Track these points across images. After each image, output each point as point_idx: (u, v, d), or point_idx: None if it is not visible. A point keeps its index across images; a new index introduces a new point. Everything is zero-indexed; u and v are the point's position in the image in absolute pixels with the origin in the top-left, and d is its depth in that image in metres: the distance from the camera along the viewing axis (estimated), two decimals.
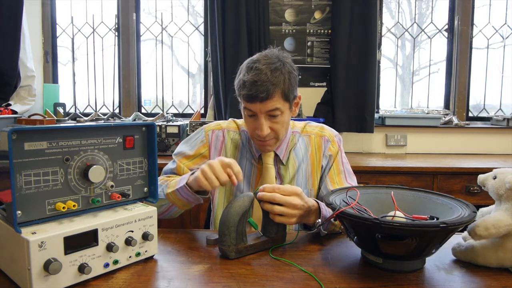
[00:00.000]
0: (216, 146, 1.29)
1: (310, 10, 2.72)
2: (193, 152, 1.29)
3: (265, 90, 1.10)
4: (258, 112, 1.14)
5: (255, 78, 1.11)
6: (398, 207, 0.87)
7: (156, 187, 0.93)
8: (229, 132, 1.32)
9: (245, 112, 1.19)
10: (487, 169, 0.98)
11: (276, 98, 1.13)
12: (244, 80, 1.13)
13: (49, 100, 2.84)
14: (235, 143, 1.30)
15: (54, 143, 0.76)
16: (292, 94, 1.18)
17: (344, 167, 1.31)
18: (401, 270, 0.85)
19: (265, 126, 1.15)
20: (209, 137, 1.30)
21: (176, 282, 0.80)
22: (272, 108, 1.13)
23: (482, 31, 2.86)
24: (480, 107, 2.95)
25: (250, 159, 1.29)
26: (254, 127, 1.18)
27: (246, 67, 1.16)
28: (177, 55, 3.01)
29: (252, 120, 1.18)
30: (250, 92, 1.11)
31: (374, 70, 2.57)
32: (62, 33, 2.94)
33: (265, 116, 1.15)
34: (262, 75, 1.11)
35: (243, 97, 1.15)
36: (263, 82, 1.10)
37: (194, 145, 1.31)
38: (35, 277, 0.69)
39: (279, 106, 1.14)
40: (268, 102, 1.12)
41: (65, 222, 0.78)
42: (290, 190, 0.98)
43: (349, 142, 2.73)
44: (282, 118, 1.17)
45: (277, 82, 1.12)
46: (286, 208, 0.96)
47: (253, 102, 1.13)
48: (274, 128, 1.17)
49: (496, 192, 0.87)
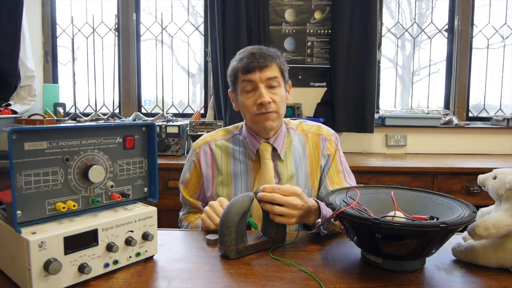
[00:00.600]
0: (206, 161, 1.32)
1: (310, 10, 2.72)
2: (189, 176, 1.34)
3: (263, 58, 1.20)
4: (258, 80, 1.20)
5: (252, 51, 1.22)
6: (398, 207, 0.87)
7: (156, 187, 0.93)
8: (216, 143, 1.33)
9: (244, 87, 1.23)
10: (487, 169, 0.98)
11: (274, 68, 1.22)
12: (241, 57, 1.23)
13: (49, 100, 2.84)
14: (225, 151, 1.32)
15: (54, 143, 0.76)
16: (286, 73, 1.27)
17: (343, 166, 1.31)
18: (401, 270, 0.85)
19: (266, 93, 1.20)
20: (198, 155, 1.33)
21: (176, 282, 0.80)
22: (271, 76, 1.20)
23: (482, 31, 2.86)
24: (480, 107, 2.96)
25: (244, 161, 1.29)
26: (254, 100, 1.22)
27: (239, 53, 1.27)
28: (177, 55, 3.01)
29: (252, 95, 1.22)
30: (249, 61, 1.20)
31: (374, 70, 2.57)
32: (62, 33, 2.94)
33: (264, 86, 1.21)
34: (257, 49, 1.23)
35: (242, 69, 1.21)
36: (260, 53, 1.21)
37: (189, 167, 1.35)
38: (35, 277, 0.69)
39: (277, 75, 1.22)
40: (267, 70, 1.20)
41: (65, 222, 0.78)
42: (290, 191, 0.98)
43: (349, 142, 2.73)
44: (280, 90, 1.23)
45: (273, 55, 1.23)
46: (286, 209, 0.96)
47: (253, 71, 1.19)
48: (274, 99, 1.21)
49: (496, 192, 0.87)
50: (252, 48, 1.24)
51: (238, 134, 1.34)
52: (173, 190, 2.14)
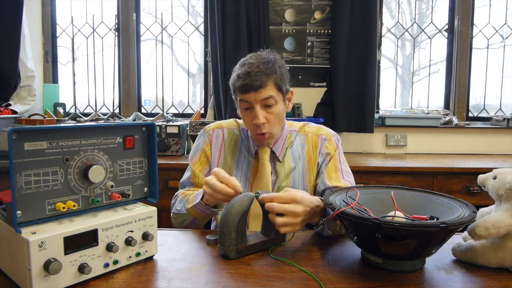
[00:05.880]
0: (217, 143, 1.35)
1: (310, 10, 2.72)
2: (200, 154, 1.35)
3: (258, 79, 1.18)
4: (253, 101, 1.20)
5: (248, 69, 1.19)
6: (398, 207, 0.87)
7: (156, 187, 0.93)
8: (228, 130, 1.37)
9: (241, 105, 1.24)
10: (487, 169, 0.98)
11: (270, 87, 1.20)
12: (238, 74, 1.21)
13: (49, 100, 2.84)
14: (234, 140, 1.35)
15: (54, 143, 0.76)
16: (285, 86, 1.25)
17: (342, 166, 1.31)
18: (401, 270, 0.85)
19: (261, 115, 1.20)
20: (210, 136, 1.36)
21: (176, 282, 0.80)
22: (266, 96, 1.19)
23: (482, 31, 2.86)
24: (480, 107, 2.96)
25: (247, 156, 1.33)
26: (250, 119, 1.23)
27: (239, 64, 1.24)
28: (177, 55, 3.01)
29: (248, 113, 1.24)
30: (244, 82, 1.18)
31: (374, 70, 2.57)
32: (62, 33, 2.94)
33: (260, 106, 1.21)
34: (254, 67, 1.19)
35: (238, 88, 1.21)
36: (256, 72, 1.18)
37: (200, 147, 1.36)
38: (35, 277, 0.69)
39: (273, 94, 1.21)
40: (262, 91, 1.19)
41: (65, 222, 0.78)
42: (289, 198, 0.95)
43: (349, 142, 2.73)
44: (277, 108, 1.23)
45: (269, 72, 1.20)
46: (288, 218, 0.94)
47: (248, 92, 1.19)
48: (269, 119, 1.22)
49: (496, 192, 0.87)
50: (250, 65, 1.20)
51: (246, 130, 1.36)
52: (173, 190, 2.12)
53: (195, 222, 1.18)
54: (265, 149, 1.29)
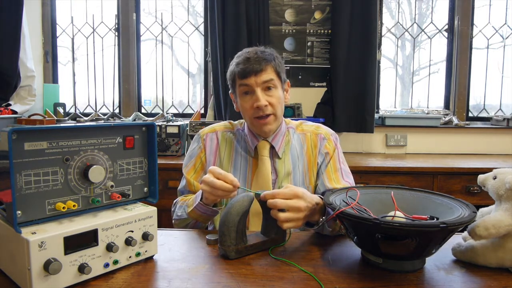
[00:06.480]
0: (211, 148, 1.35)
1: (310, 10, 2.72)
2: (195, 161, 1.35)
3: (258, 63, 1.22)
4: (254, 85, 1.22)
5: (247, 56, 1.24)
6: (398, 207, 0.87)
7: (156, 187, 0.93)
8: (223, 133, 1.37)
9: (240, 90, 1.26)
10: (487, 169, 0.98)
11: (270, 71, 1.24)
12: (237, 62, 1.25)
13: (49, 100, 2.84)
14: (229, 143, 1.35)
15: (54, 143, 0.76)
16: (283, 74, 1.29)
17: (341, 165, 1.31)
18: (401, 270, 0.85)
19: (262, 97, 1.22)
20: (204, 141, 1.36)
21: (176, 282, 0.80)
22: (266, 79, 1.22)
23: (482, 31, 2.87)
24: (480, 107, 2.96)
25: (245, 156, 1.32)
26: (251, 103, 1.24)
27: (236, 57, 1.29)
28: (177, 55, 3.01)
29: (249, 98, 1.25)
30: (245, 66, 1.22)
31: (374, 70, 2.57)
32: (62, 33, 2.94)
33: (261, 89, 1.23)
34: (252, 54, 1.24)
35: (238, 74, 1.23)
36: (255, 58, 1.23)
37: (194, 153, 1.36)
38: (35, 277, 0.69)
39: (273, 78, 1.24)
40: (262, 74, 1.22)
41: (65, 222, 0.78)
42: (291, 193, 0.95)
43: (349, 142, 2.73)
44: (277, 92, 1.25)
45: (268, 58, 1.24)
46: (291, 213, 0.94)
47: (248, 76, 1.22)
48: (271, 102, 1.23)
49: (496, 192, 0.87)
50: (248, 53, 1.26)
51: (241, 130, 1.37)
52: (173, 190, 2.13)
53: (198, 225, 1.18)
54: (265, 144, 1.29)
